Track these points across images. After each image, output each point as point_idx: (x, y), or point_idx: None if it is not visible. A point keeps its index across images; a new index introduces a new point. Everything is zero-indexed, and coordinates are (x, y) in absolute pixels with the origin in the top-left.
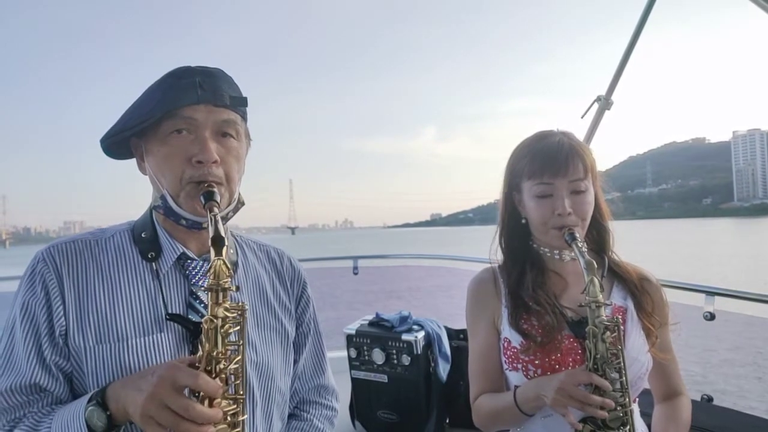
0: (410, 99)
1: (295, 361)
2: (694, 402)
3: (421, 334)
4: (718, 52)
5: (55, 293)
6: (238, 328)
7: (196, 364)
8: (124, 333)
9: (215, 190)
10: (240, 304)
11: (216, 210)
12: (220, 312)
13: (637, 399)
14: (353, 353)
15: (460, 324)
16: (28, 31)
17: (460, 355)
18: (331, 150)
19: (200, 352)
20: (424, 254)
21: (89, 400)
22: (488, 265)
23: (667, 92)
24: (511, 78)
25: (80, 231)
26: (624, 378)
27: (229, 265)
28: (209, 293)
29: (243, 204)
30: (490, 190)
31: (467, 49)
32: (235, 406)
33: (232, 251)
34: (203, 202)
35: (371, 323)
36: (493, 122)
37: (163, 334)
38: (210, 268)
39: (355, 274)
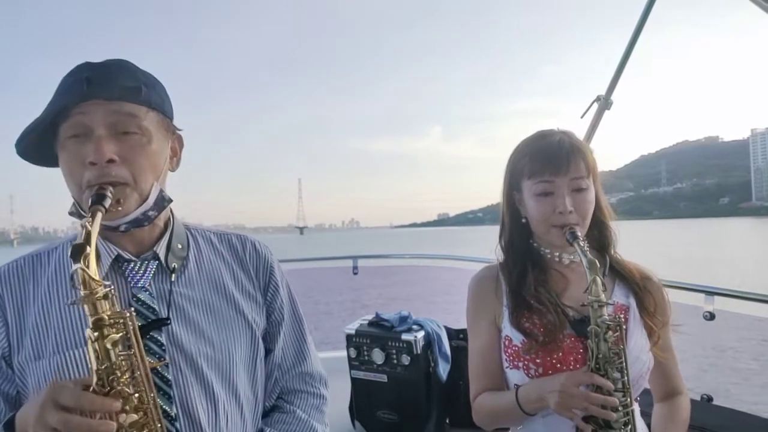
0: (416, 100)
1: (270, 351)
2: (693, 402)
3: (420, 334)
4: (727, 51)
5: None
6: (123, 334)
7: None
8: (63, 344)
9: (106, 192)
10: (121, 310)
11: (99, 215)
12: (101, 323)
13: (638, 398)
14: (353, 353)
15: (459, 324)
16: (34, 29)
17: (459, 355)
18: (337, 150)
19: (92, 367)
20: (425, 254)
21: (4, 423)
22: (489, 264)
23: (676, 91)
24: (518, 79)
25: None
26: (626, 377)
27: (93, 275)
28: (84, 306)
29: (169, 201)
30: (499, 189)
31: (473, 50)
32: (144, 415)
33: (180, 246)
34: (89, 204)
35: (371, 323)
36: (500, 122)
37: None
38: (72, 278)
39: (355, 273)
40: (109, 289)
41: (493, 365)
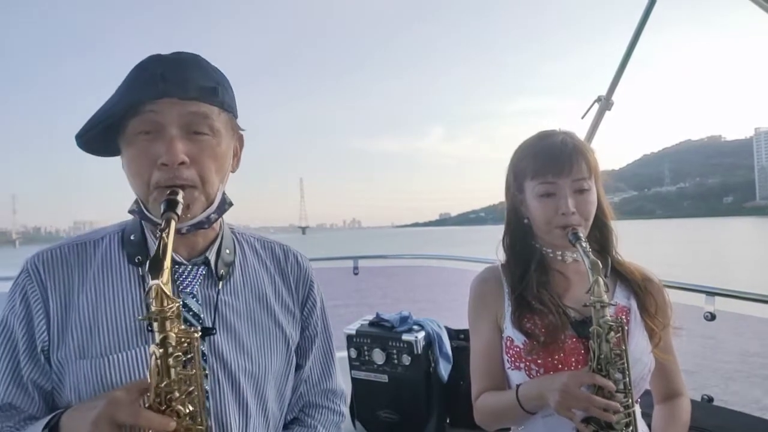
0: (417, 99)
1: (300, 366)
2: (694, 402)
3: (421, 334)
4: (729, 50)
5: (37, 307)
6: (191, 356)
7: (147, 394)
8: (108, 347)
9: (178, 198)
10: (191, 330)
11: (172, 223)
12: (168, 342)
13: (639, 400)
14: (353, 353)
15: (460, 324)
16: (40, 31)
17: (460, 356)
18: (338, 150)
19: (151, 383)
20: (426, 254)
21: (45, 425)
22: (491, 265)
23: (678, 91)
24: (519, 77)
25: (90, 230)
26: (627, 378)
27: (168, 292)
28: (154, 323)
29: (230, 204)
30: (501, 189)
31: (474, 49)
32: None
33: (228, 251)
34: (161, 211)
35: (371, 323)
36: (501, 121)
37: (147, 347)
38: (147, 293)
39: (356, 274)
40: (179, 304)
41: (494, 366)
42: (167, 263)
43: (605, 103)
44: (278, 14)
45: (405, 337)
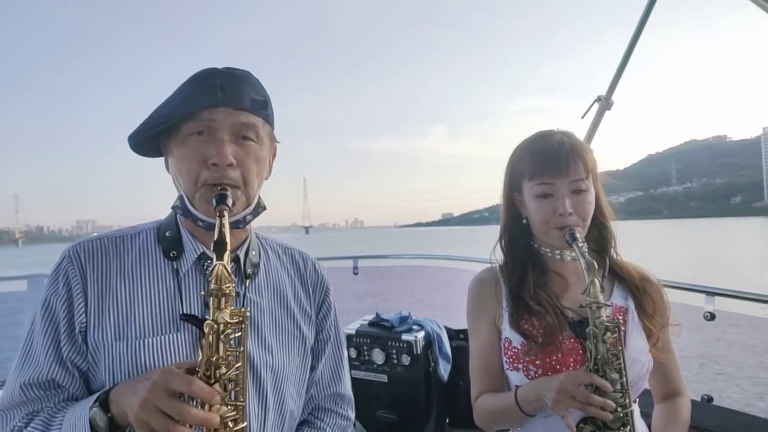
0: (419, 99)
1: (313, 368)
2: (694, 402)
3: (420, 334)
4: (733, 49)
5: (77, 290)
6: (240, 334)
7: (196, 369)
8: (142, 331)
9: (228, 193)
10: (242, 310)
11: (225, 214)
12: (222, 317)
13: (638, 399)
14: (353, 353)
15: (460, 324)
16: (42, 31)
17: (460, 355)
18: (341, 150)
19: (200, 357)
20: (425, 254)
21: (95, 400)
22: (489, 265)
23: (681, 90)
24: (522, 77)
25: (92, 230)
26: (624, 378)
27: (229, 270)
28: (211, 298)
29: (264, 208)
30: (500, 190)
31: (475, 49)
32: (234, 412)
33: (254, 253)
34: (214, 204)
35: (371, 323)
36: (503, 121)
37: (179, 333)
38: (211, 272)
39: (355, 274)
40: (234, 284)
41: (493, 367)
42: (228, 247)
43: (605, 102)
44: (278, 13)
45: (405, 337)
